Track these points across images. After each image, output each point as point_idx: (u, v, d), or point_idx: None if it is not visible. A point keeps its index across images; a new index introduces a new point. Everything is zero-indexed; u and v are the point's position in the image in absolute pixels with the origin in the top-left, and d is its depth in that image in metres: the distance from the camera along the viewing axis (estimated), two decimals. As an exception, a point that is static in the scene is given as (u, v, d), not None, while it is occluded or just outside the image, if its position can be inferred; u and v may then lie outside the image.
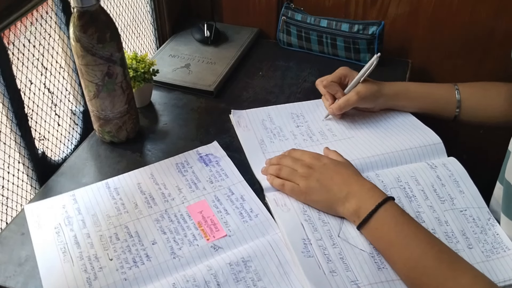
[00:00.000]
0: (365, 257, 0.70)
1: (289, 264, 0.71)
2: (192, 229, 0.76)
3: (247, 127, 0.95)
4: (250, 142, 0.92)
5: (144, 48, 1.22)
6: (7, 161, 0.82)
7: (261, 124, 0.96)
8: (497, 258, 0.72)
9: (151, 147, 0.93)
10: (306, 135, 0.94)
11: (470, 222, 0.76)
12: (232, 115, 0.98)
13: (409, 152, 0.87)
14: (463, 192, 0.80)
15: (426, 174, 0.82)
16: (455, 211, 0.77)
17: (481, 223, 0.76)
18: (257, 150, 0.90)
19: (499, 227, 0.76)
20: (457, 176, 0.82)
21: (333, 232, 0.74)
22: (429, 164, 0.84)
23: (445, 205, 0.78)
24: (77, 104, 0.97)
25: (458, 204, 0.78)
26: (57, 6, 0.87)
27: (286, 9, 1.18)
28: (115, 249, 0.73)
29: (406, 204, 0.78)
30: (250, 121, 0.97)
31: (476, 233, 0.75)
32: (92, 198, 0.81)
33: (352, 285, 0.67)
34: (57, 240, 0.75)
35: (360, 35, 1.10)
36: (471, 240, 0.74)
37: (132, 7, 1.15)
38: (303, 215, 0.76)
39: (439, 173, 0.82)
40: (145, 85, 0.99)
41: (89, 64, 0.82)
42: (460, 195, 0.80)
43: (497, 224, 0.76)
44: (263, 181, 0.83)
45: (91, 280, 0.69)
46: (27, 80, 0.83)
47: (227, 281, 0.68)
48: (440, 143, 0.89)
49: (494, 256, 0.72)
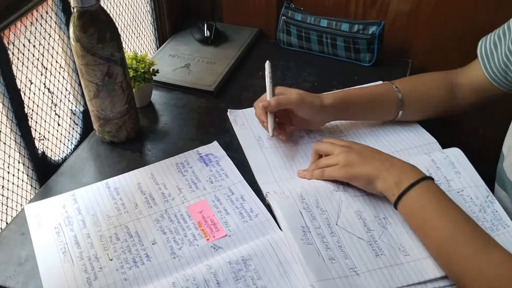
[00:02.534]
0: (363, 245, 0.72)
1: (289, 263, 0.71)
2: (192, 229, 0.76)
3: (244, 125, 0.97)
4: (247, 139, 0.93)
5: (144, 48, 1.22)
6: (7, 161, 0.82)
7: (257, 121, 0.96)
8: (497, 235, 0.72)
9: (151, 147, 0.93)
10: (303, 132, 0.94)
11: (468, 202, 0.76)
12: (228, 113, 1.00)
13: (405, 153, 0.87)
14: (459, 173, 0.80)
15: (420, 159, 0.82)
16: (452, 193, 0.77)
17: (479, 202, 0.76)
18: (255, 146, 0.91)
19: (498, 204, 0.76)
20: (453, 157, 0.82)
21: (331, 220, 0.75)
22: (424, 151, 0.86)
23: (442, 187, 0.77)
24: (77, 104, 0.97)
25: (454, 185, 0.79)
26: (57, 6, 0.87)
27: (286, 9, 1.18)
28: (115, 249, 0.73)
29: None
30: (246, 119, 0.98)
31: (475, 212, 0.75)
32: (92, 198, 0.81)
33: (351, 272, 0.68)
34: (57, 240, 0.75)
35: (360, 35, 1.10)
36: None
37: (132, 7, 1.15)
38: (301, 203, 0.76)
39: (433, 157, 0.82)
40: (145, 85, 0.99)
41: (89, 64, 0.82)
42: (456, 176, 0.80)
43: (496, 201, 0.76)
44: (258, 176, 0.85)
45: (91, 280, 0.69)
46: (27, 80, 0.83)
47: (227, 280, 0.68)
48: (436, 142, 0.89)
49: (494, 233, 0.72)
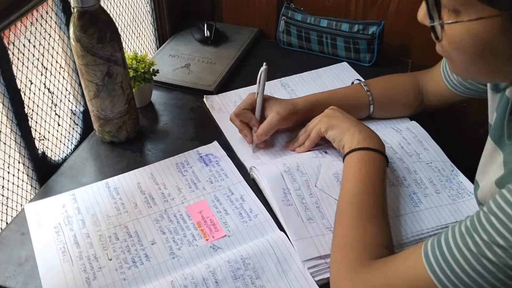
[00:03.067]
0: None
1: (287, 262, 0.71)
2: (191, 229, 0.76)
3: (221, 110, 1.00)
4: (226, 122, 0.95)
5: (144, 48, 1.22)
6: (7, 161, 0.82)
7: (233, 105, 1.00)
8: (463, 201, 0.80)
9: (151, 147, 0.93)
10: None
11: (436, 172, 0.84)
12: (205, 99, 1.03)
13: (384, 132, 0.91)
14: (427, 150, 0.88)
15: (392, 136, 0.89)
16: (422, 163, 0.85)
17: (445, 173, 0.84)
18: (235, 129, 0.93)
19: (463, 176, 0.83)
20: (420, 137, 0.90)
21: (310, 182, 0.80)
22: (394, 128, 0.91)
23: (413, 158, 0.86)
24: (77, 104, 0.97)
25: (424, 158, 0.86)
26: (57, 6, 0.87)
27: (286, 9, 1.18)
28: (114, 249, 0.73)
29: None
30: (223, 104, 1.02)
31: (442, 181, 0.83)
32: (92, 198, 0.81)
33: (327, 231, 0.74)
34: (57, 239, 0.75)
35: (360, 35, 1.10)
36: (438, 187, 0.82)
37: (132, 7, 1.15)
38: (282, 166, 0.81)
39: (404, 135, 0.90)
40: (145, 85, 0.99)
41: (89, 64, 0.82)
42: (425, 152, 0.87)
43: (461, 174, 0.84)
44: (241, 154, 0.89)
45: (90, 280, 0.69)
46: (27, 80, 0.83)
47: (225, 279, 0.68)
48: (414, 122, 0.94)
49: (459, 200, 0.80)
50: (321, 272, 0.70)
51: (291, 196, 0.78)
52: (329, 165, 0.83)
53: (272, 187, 0.78)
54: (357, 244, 0.65)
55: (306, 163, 0.83)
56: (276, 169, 0.81)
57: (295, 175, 0.81)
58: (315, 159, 0.84)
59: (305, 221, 0.75)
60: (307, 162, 0.83)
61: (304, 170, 0.81)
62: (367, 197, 0.71)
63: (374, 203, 0.71)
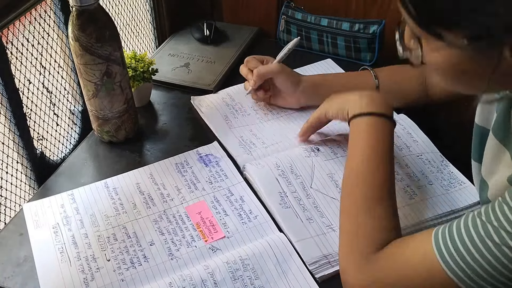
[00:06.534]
0: (336, 204, 0.78)
1: (287, 263, 0.70)
2: (190, 230, 0.76)
3: (209, 106, 1.00)
4: (215, 119, 0.97)
5: (143, 47, 1.22)
6: (6, 161, 0.81)
7: (222, 101, 1.01)
8: (456, 190, 0.82)
9: (150, 147, 0.93)
10: (266, 110, 0.99)
11: (427, 164, 0.86)
12: (192, 101, 1.02)
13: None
14: (416, 141, 0.90)
15: None
16: (413, 156, 0.87)
17: (436, 165, 0.86)
18: (224, 126, 0.95)
19: (453, 167, 0.85)
20: (409, 129, 0.92)
21: (306, 184, 0.81)
22: None
23: (403, 152, 0.88)
24: (75, 103, 0.97)
25: (414, 150, 0.88)
26: (56, 5, 0.87)
27: (286, 8, 1.17)
28: (112, 250, 0.73)
29: None
30: (211, 101, 1.02)
31: (433, 172, 0.85)
32: (90, 198, 0.81)
33: (327, 229, 0.75)
34: (55, 240, 0.74)
35: (361, 34, 1.10)
36: (430, 178, 0.84)
37: (131, 6, 1.14)
38: (277, 170, 0.83)
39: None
40: (144, 85, 0.98)
41: (88, 63, 0.81)
42: (415, 144, 0.90)
43: (451, 165, 0.86)
44: (233, 150, 0.89)
45: (88, 280, 0.69)
46: (25, 80, 0.83)
47: (224, 279, 0.68)
48: (402, 115, 0.95)
49: (452, 189, 0.82)
50: (323, 269, 0.70)
51: (288, 199, 0.79)
52: (322, 165, 0.84)
53: (268, 191, 0.79)
54: (365, 231, 0.65)
55: (299, 164, 0.84)
56: (270, 173, 0.82)
57: (289, 178, 0.82)
58: (308, 159, 0.85)
59: (304, 221, 0.76)
60: (300, 162, 0.84)
61: (298, 172, 0.83)
62: (374, 176, 0.69)
63: (383, 181, 0.69)
